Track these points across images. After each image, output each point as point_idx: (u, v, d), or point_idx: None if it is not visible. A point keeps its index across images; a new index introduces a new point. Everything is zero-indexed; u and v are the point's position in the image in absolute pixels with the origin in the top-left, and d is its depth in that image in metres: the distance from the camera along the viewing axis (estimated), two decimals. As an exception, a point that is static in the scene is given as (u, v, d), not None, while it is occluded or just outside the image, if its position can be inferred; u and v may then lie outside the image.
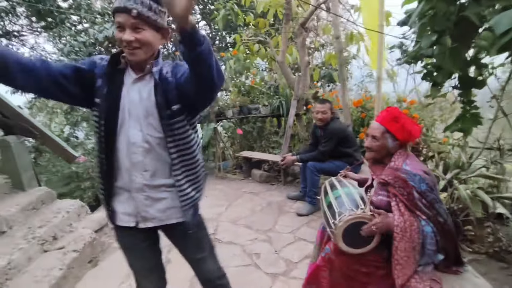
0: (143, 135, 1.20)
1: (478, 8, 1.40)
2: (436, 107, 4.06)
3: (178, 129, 1.22)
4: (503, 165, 2.63)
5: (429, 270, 1.46)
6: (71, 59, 5.88)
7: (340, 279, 1.71)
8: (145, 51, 1.13)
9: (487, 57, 1.68)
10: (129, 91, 1.19)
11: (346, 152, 3.10)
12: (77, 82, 1.16)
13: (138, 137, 1.20)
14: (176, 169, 1.25)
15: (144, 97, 1.19)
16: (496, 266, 2.11)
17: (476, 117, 1.89)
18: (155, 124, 1.20)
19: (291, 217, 3.14)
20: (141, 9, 1.06)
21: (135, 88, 1.20)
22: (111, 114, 1.17)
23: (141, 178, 1.23)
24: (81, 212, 2.92)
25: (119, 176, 1.25)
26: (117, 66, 1.19)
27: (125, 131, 1.19)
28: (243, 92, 5.27)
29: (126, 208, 1.28)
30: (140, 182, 1.23)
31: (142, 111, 1.19)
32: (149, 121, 1.19)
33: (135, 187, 1.24)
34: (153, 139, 1.21)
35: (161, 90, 1.17)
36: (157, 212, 1.29)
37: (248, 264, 2.32)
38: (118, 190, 1.28)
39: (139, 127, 1.19)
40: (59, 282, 2.05)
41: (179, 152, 1.25)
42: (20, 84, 1.07)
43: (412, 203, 1.45)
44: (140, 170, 1.23)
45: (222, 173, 4.65)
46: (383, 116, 1.65)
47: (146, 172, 1.23)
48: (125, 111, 1.18)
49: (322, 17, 5.55)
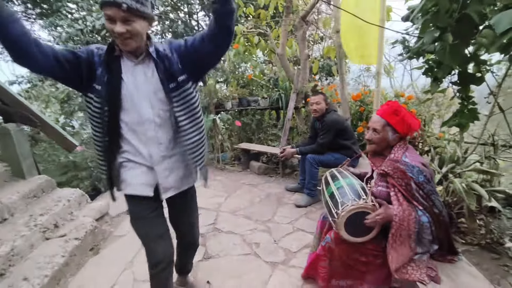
0: (154, 111, 1.33)
1: (480, 6, 1.43)
2: (433, 103, 4.11)
3: (185, 96, 1.36)
4: (496, 160, 2.70)
5: (425, 259, 1.52)
6: (69, 47, 5.81)
7: (340, 268, 1.77)
8: (136, 40, 1.22)
9: (485, 54, 1.73)
10: (134, 74, 1.30)
11: (345, 145, 3.14)
12: (76, 67, 1.23)
13: (149, 114, 1.33)
14: (188, 133, 1.40)
15: (149, 76, 1.31)
16: (488, 257, 2.19)
17: (473, 112, 1.94)
18: (163, 98, 1.33)
19: (289, 208, 3.19)
20: (130, 3, 1.14)
21: (139, 70, 1.31)
22: (114, 98, 1.27)
23: (157, 151, 1.37)
24: (82, 200, 2.94)
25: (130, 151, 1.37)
26: (113, 53, 1.28)
27: (135, 110, 1.31)
28: (242, 84, 5.27)
29: (145, 179, 1.40)
30: (158, 154, 1.38)
31: (151, 89, 1.31)
32: (158, 96, 1.33)
33: (155, 160, 1.38)
34: (163, 113, 1.35)
35: (162, 67, 1.30)
36: (175, 181, 1.46)
37: (248, 253, 2.37)
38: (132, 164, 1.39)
39: (149, 104, 1.32)
40: (61, 269, 2.09)
41: (189, 117, 1.39)
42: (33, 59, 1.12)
43: (410, 193, 1.51)
44: (155, 144, 1.36)
45: (221, 165, 4.69)
46: (383, 109, 1.70)
47: (161, 145, 1.38)
48: (133, 93, 1.29)
49: (323, 10, 5.54)
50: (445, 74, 1.73)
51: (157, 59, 1.30)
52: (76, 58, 1.23)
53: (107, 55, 1.26)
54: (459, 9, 1.42)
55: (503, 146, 2.92)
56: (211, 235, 2.65)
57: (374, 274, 1.74)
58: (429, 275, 1.46)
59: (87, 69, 1.24)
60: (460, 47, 1.51)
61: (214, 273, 2.06)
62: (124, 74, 1.28)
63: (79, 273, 2.19)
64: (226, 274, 2.11)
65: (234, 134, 5.43)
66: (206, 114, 4.60)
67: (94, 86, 1.26)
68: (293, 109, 4.47)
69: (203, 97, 4.72)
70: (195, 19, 7.59)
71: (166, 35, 7.30)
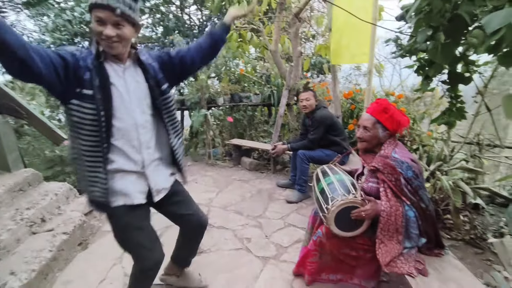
0: (145, 116, 1.37)
1: (471, 7, 1.47)
2: (422, 102, 4.20)
3: (168, 103, 1.44)
4: (481, 159, 2.79)
5: (413, 253, 1.56)
6: (55, 38, 5.65)
7: (330, 262, 1.80)
8: (123, 45, 1.24)
9: (473, 54, 1.78)
10: (124, 79, 1.31)
11: (335, 141, 3.18)
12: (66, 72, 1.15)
13: (142, 119, 1.35)
14: (171, 137, 1.48)
15: (139, 82, 1.35)
16: (472, 252, 2.26)
17: (461, 111, 2.00)
18: (150, 104, 1.39)
19: (280, 204, 3.21)
20: (124, 8, 1.16)
21: (128, 75, 1.32)
22: (108, 104, 1.24)
23: (147, 155, 1.39)
24: (70, 195, 2.89)
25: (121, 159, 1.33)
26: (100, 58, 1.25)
27: (129, 115, 1.30)
28: (233, 80, 5.25)
29: (138, 187, 1.40)
30: (148, 159, 1.40)
31: (141, 95, 1.35)
32: (146, 102, 1.37)
33: (146, 165, 1.39)
34: (151, 118, 1.40)
35: (150, 75, 1.36)
36: (163, 182, 1.50)
37: (239, 248, 2.38)
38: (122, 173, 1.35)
39: (141, 109, 1.35)
40: (49, 263, 2.05)
41: (171, 121, 1.47)
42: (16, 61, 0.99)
43: (399, 188, 1.55)
44: (146, 148, 1.38)
45: (212, 160, 4.67)
46: (373, 107, 1.73)
47: (149, 149, 1.40)
48: (124, 97, 1.29)
49: (315, 8, 5.56)
50: (436, 72, 1.77)
51: (147, 67, 1.36)
52: (64, 61, 1.15)
53: (96, 60, 1.23)
54: (451, 9, 1.46)
55: (488, 145, 3.01)
56: (202, 230, 2.64)
57: (363, 268, 1.78)
58: (417, 268, 1.50)
59: (73, 73, 1.17)
60: (451, 46, 1.55)
61: (206, 268, 2.06)
62: (112, 79, 1.27)
63: (67, 268, 2.16)
64: (217, 269, 2.11)
65: (225, 130, 5.42)
66: (198, 109, 4.56)
67: (82, 92, 1.19)
68: (285, 106, 4.48)
69: (194, 92, 4.68)
70: (186, 13, 7.49)
71: (157, 28, 7.19)
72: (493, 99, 3.35)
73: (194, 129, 4.61)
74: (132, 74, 1.34)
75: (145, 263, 1.45)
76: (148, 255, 1.43)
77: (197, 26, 7.67)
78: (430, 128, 3.62)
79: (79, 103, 1.19)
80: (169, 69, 1.46)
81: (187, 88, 5.47)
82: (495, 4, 1.38)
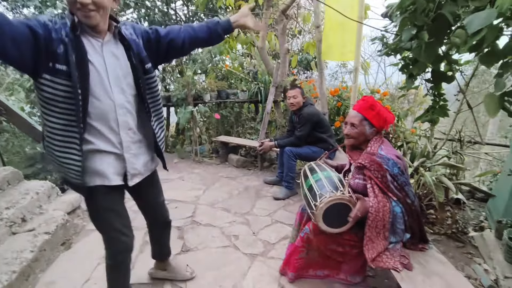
0: (125, 96, 1.28)
1: (454, 7, 1.50)
2: (406, 100, 4.29)
3: (151, 83, 1.37)
4: (462, 155, 2.87)
5: (398, 248, 1.60)
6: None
7: (317, 258, 1.82)
8: (101, 14, 1.14)
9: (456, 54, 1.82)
10: (102, 55, 1.21)
11: (321, 138, 3.20)
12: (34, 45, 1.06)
13: (121, 99, 1.27)
14: (152, 120, 1.41)
15: (120, 59, 1.25)
16: (453, 245, 2.33)
17: (444, 108, 2.05)
18: (132, 84, 1.30)
19: (268, 201, 3.22)
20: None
21: (107, 51, 1.23)
22: (85, 82, 1.15)
23: (126, 136, 1.33)
24: (52, 193, 2.81)
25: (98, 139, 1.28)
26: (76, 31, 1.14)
27: (106, 95, 1.23)
28: (220, 77, 5.21)
29: (115, 168, 1.34)
30: (127, 141, 1.33)
31: (121, 73, 1.25)
32: (127, 81, 1.28)
33: (125, 147, 1.33)
34: (133, 98, 1.32)
35: (133, 51, 1.26)
36: (141, 166, 1.44)
37: (227, 245, 2.37)
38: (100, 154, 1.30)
39: (120, 89, 1.26)
40: (30, 264, 1.99)
41: (153, 104, 1.41)
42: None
43: (385, 185, 1.58)
44: (125, 129, 1.32)
45: (199, 157, 4.63)
46: (360, 104, 1.75)
47: (130, 131, 1.34)
48: (102, 76, 1.21)
49: (302, 5, 5.57)
50: (420, 71, 1.80)
51: (130, 42, 1.26)
52: (33, 33, 1.04)
53: (72, 33, 1.12)
54: (435, 8, 1.48)
55: (469, 142, 3.11)
56: (189, 228, 2.62)
57: (350, 264, 1.81)
58: (402, 263, 1.54)
59: (45, 47, 1.07)
60: (435, 45, 1.58)
61: (193, 266, 2.04)
62: (90, 55, 1.17)
63: (49, 268, 2.10)
64: (205, 266, 2.10)
65: (212, 127, 5.38)
66: (184, 105, 4.51)
67: (55, 66, 1.10)
68: (272, 103, 4.48)
69: (180, 89, 4.62)
70: (172, 8, 7.37)
71: (143, 23, 7.04)
72: (474, 97, 3.45)
73: (181, 126, 4.55)
74: (112, 50, 1.24)
75: (114, 246, 1.44)
76: (118, 237, 1.42)
77: (183, 22, 7.56)
78: (414, 125, 3.71)
79: (51, 78, 1.10)
80: (154, 48, 1.37)
81: (173, 84, 5.39)
82: (477, 5, 1.41)
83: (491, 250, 2.12)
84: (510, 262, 1.93)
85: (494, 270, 1.95)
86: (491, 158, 3.75)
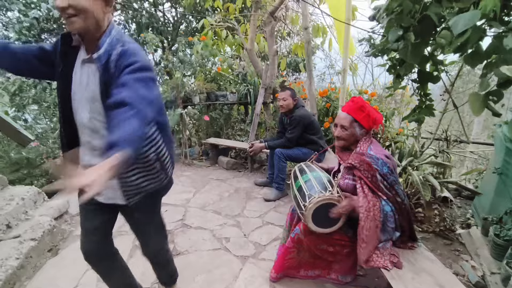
0: (90, 117, 1.17)
1: (439, 8, 1.53)
2: (392, 100, 4.35)
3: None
4: (449, 154, 2.93)
5: (388, 246, 1.61)
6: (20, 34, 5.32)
7: (308, 258, 1.82)
8: (83, 19, 1.02)
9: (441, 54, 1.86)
10: (80, 74, 1.16)
11: (312, 139, 3.22)
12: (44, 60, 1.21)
13: (86, 118, 1.18)
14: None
15: (91, 81, 1.13)
16: (441, 243, 2.37)
17: (430, 108, 2.09)
18: (99, 109, 1.14)
19: (258, 202, 3.21)
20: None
21: (85, 71, 1.16)
22: (65, 93, 1.18)
23: (88, 157, 1.25)
24: (38, 199, 2.74)
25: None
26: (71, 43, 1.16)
27: (77, 111, 1.20)
28: (209, 79, 5.19)
29: None
30: (87, 161, 1.25)
31: (89, 95, 1.14)
32: (95, 105, 1.15)
33: (83, 164, 1.26)
34: (98, 123, 1.18)
35: (103, 78, 1.09)
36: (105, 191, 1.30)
37: (218, 248, 2.35)
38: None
39: (87, 109, 1.17)
40: (16, 272, 1.93)
41: None
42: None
43: (375, 184, 1.59)
44: (88, 149, 1.25)
45: (189, 160, 4.59)
46: (349, 106, 1.74)
47: (96, 152, 1.23)
48: (75, 91, 1.18)
49: (290, 7, 5.61)
50: (407, 71, 1.83)
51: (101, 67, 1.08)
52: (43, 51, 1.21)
53: (63, 45, 1.14)
54: (421, 10, 1.51)
55: (455, 141, 3.17)
56: (180, 231, 2.59)
57: (341, 263, 1.82)
58: (392, 261, 1.55)
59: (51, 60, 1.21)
60: (421, 46, 1.61)
61: (184, 269, 2.02)
62: (75, 69, 1.15)
63: (36, 276, 2.04)
64: (196, 269, 2.08)
65: (201, 129, 5.34)
66: (173, 108, 4.46)
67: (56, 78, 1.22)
68: (262, 105, 4.49)
69: (169, 91, 4.57)
70: (160, 10, 7.31)
71: (130, 25, 6.95)
72: (459, 97, 3.53)
73: (170, 128, 4.50)
74: (89, 70, 1.13)
75: (81, 250, 1.43)
76: (82, 240, 1.42)
77: (171, 24, 7.50)
78: (401, 125, 3.77)
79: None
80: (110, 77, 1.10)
81: (161, 86, 5.34)
82: (461, 6, 1.44)
83: (477, 247, 2.16)
84: (496, 258, 1.98)
85: (481, 266, 1.99)
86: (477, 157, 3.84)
